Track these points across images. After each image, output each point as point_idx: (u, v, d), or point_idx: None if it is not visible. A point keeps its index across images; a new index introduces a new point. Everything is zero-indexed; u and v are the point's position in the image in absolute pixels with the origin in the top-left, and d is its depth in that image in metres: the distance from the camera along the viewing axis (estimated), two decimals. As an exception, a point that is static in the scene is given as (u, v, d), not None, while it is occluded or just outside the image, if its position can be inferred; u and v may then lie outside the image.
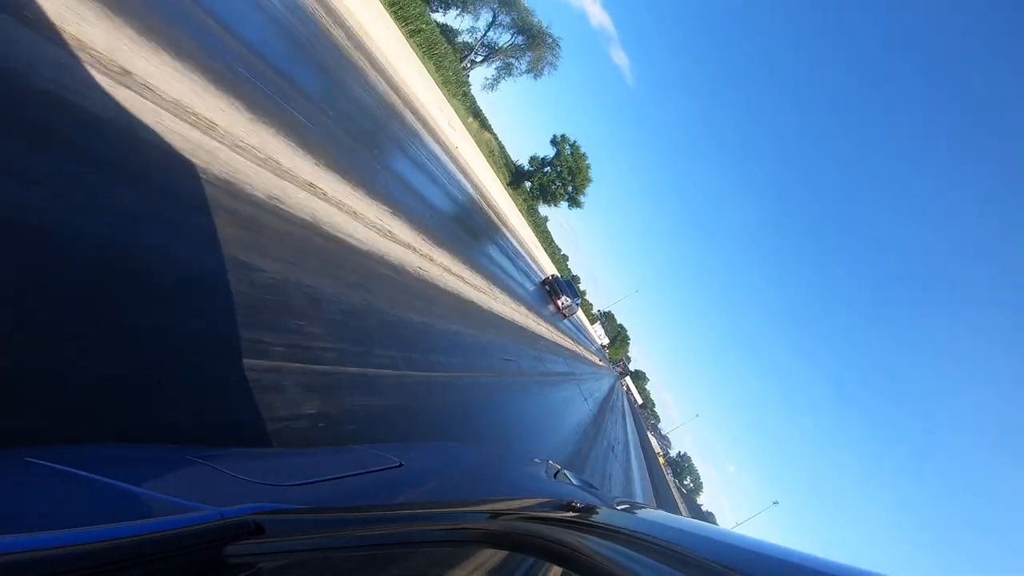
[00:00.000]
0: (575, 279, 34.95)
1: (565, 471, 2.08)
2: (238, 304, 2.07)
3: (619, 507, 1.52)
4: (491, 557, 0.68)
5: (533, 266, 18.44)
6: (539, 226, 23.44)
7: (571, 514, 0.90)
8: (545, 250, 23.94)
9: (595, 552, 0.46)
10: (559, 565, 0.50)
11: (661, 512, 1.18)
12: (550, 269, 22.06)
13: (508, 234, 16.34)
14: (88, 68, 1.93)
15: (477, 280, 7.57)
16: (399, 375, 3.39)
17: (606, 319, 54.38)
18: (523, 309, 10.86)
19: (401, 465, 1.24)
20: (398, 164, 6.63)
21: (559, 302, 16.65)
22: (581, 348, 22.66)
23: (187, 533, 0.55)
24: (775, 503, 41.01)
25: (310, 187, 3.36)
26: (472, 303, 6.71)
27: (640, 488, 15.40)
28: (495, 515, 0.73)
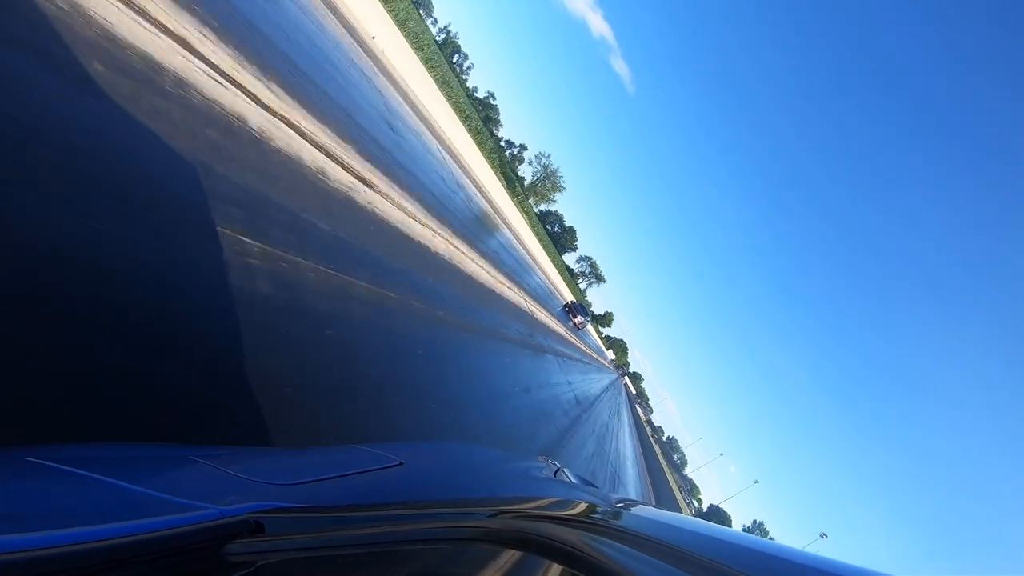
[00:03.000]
0: (588, 303, 62.21)
1: (564, 469, 2.08)
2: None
3: (618, 505, 1.52)
4: (492, 555, 0.68)
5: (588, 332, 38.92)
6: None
7: (571, 512, 0.90)
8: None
9: (595, 550, 0.46)
10: (560, 563, 0.50)
11: (660, 510, 1.18)
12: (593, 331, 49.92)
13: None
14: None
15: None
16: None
17: (611, 343, 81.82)
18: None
19: (402, 464, 1.24)
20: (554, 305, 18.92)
21: (576, 320, 26.33)
22: (604, 361, 42.04)
23: (187, 532, 0.55)
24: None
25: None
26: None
27: (625, 407, 33.17)
28: (496, 513, 0.73)
